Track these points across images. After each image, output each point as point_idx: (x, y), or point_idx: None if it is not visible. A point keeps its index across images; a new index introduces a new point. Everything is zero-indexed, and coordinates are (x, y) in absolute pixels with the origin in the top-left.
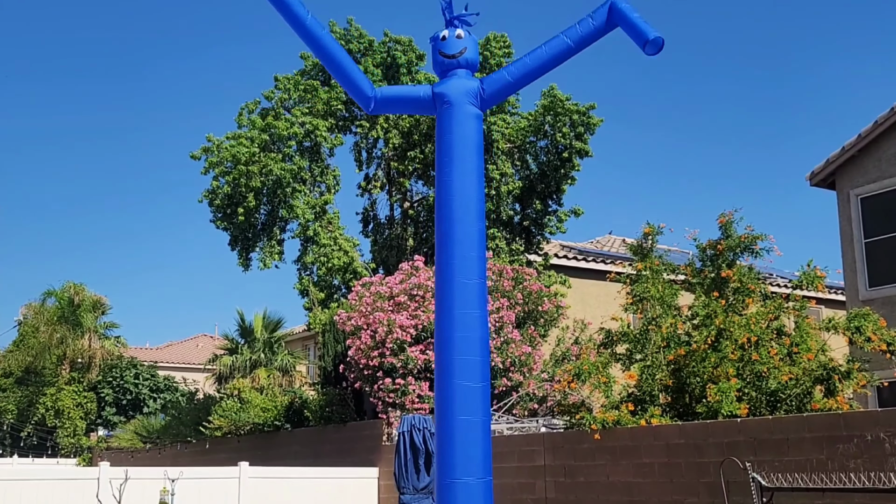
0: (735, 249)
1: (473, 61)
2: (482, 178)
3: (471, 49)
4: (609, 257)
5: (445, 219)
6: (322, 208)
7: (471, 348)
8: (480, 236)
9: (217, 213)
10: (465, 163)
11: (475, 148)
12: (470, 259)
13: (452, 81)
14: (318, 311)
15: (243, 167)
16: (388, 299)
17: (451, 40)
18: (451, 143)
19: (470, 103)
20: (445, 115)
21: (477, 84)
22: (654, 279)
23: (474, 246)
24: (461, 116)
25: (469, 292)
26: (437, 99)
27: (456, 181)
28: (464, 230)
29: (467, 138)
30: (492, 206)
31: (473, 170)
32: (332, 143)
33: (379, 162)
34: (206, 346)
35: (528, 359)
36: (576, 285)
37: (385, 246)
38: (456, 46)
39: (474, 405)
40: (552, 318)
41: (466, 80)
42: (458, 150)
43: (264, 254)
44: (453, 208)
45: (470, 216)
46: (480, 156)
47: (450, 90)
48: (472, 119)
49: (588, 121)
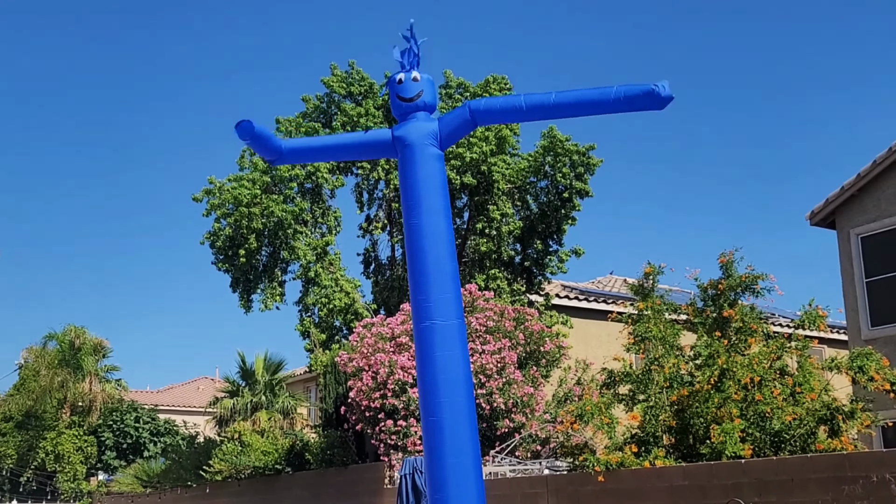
0: (736, 289)
1: (431, 103)
2: (450, 217)
3: (428, 91)
4: (610, 297)
5: (418, 261)
6: (323, 249)
7: (455, 390)
8: (454, 276)
9: (218, 255)
10: (432, 203)
11: (440, 188)
12: (446, 300)
13: (412, 124)
14: (319, 352)
15: (245, 209)
16: (389, 340)
17: (407, 84)
18: (415, 184)
19: (430, 144)
20: (408, 158)
21: (436, 125)
22: (656, 319)
23: (448, 286)
24: (423, 158)
25: (448, 333)
26: (397, 142)
27: (424, 223)
28: (438, 271)
29: (431, 179)
30: (493, 247)
31: (440, 209)
32: (334, 185)
33: (380, 203)
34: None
35: (531, 399)
36: (577, 325)
37: (386, 287)
38: (413, 89)
39: (464, 447)
40: (554, 358)
41: (425, 122)
42: (424, 191)
43: (266, 295)
44: (425, 249)
45: (442, 256)
46: (446, 195)
47: (409, 133)
48: (434, 159)
49: (588, 161)
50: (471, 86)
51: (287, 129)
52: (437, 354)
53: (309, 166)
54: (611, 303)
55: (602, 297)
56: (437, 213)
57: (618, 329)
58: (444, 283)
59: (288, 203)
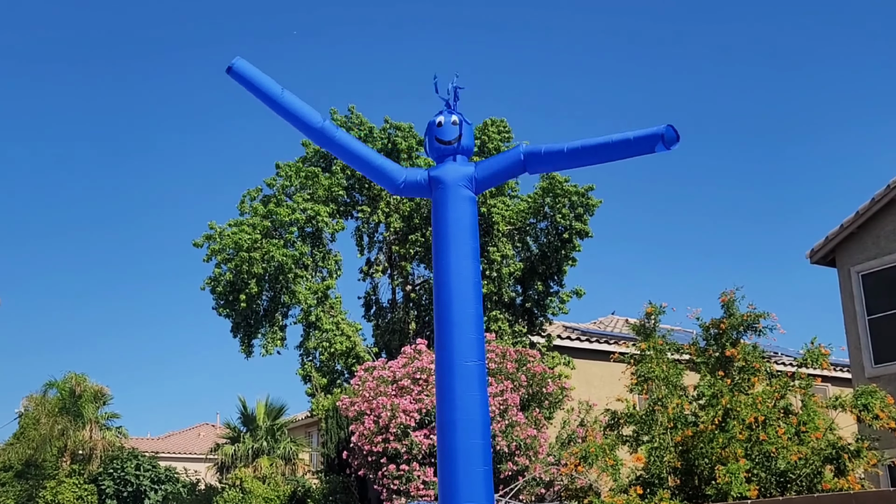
0: (738, 328)
1: (469, 147)
2: (478, 259)
3: (466, 135)
4: (612, 337)
5: (443, 301)
6: (324, 293)
7: (473, 431)
8: (478, 318)
9: (219, 301)
10: (461, 245)
11: (470, 230)
12: (469, 341)
13: (448, 166)
14: (320, 396)
15: (245, 254)
16: (391, 384)
17: (446, 127)
18: (446, 225)
19: (464, 186)
20: (441, 198)
21: (472, 168)
22: (659, 359)
23: (472, 327)
24: (455, 199)
25: (469, 374)
26: (432, 182)
27: (453, 263)
28: (462, 312)
29: (462, 221)
30: (493, 288)
31: (469, 252)
32: (334, 229)
33: (380, 246)
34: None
35: (534, 442)
36: (580, 366)
37: (387, 330)
38: (452, 133)
39: (477, 491)
40: (557, 399)
41: (461, 165)
42: (454, 232)
43: (266, 340)
44: (451, 290)
45: (468, 298)
46: (475, 238)
47: (445, 174)
48: (467, 202)
49: (587, 202)
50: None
51: (287, 174)
52: (456, 395)
53: (309, 210)
54: (613, 343)
55: (604, 337)
56: (465, 256)
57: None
58: (468, 325)
59: (288, 247)
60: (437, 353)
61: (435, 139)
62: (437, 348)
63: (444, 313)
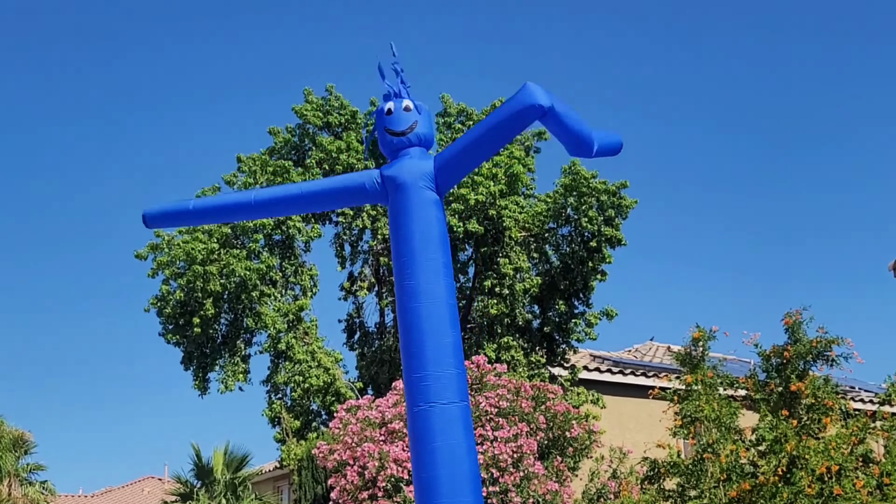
0: (806, 357)
1: (427, 137)
2: (451, 275)
3: (423, 123)
4: (651, 369)
5: (413, 330)
6: (296, 316)
7: (460, 490)
8: (456, 347)
9: (167, 325)
10: (429, 259)
11: (438, 240)
12: (447, 377)
13: (404, 163)
14: (292, 443)
15: (199, 267)
16: (379, 427)
17: (397, 114)
18: (408, 236)
19: (426, 187)
20: (399, 204)
21: (432, 163)
22: (708, 395)
23: (450, 360)
24: (418, 204)
25: (450, 418)
26: (386, 184)
27: (421, 283)
28: (436, 342)
29: (429, 228)
30: (505, 309)
31: (439, 267)
32: (308, 236)
33: (365, 257)
34: (154, 491)
35: (556, 498)
36: (611, 405)
37: (374, 360)
38: (404, 121)
39: None
40: (583, 446)
41: (420, 161)
42: (419, 244)
43: (226, 374)
44: (420, 316)
45: (442, 324)
46: (446, 249)
47: (401, 173)
48: (431, 206)
49: (619, 202)
50: (474, 112)
51: (251, 169)
52: (436, 445)
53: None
54: (652, 376)
55: (641, 368)
56: (435, 272)
57: (661, 408)
58: (445, 357)
59: (252, 259)
60: (407, 394)
61: (385, 130)
62: (408, 388)
63: (415, 345)
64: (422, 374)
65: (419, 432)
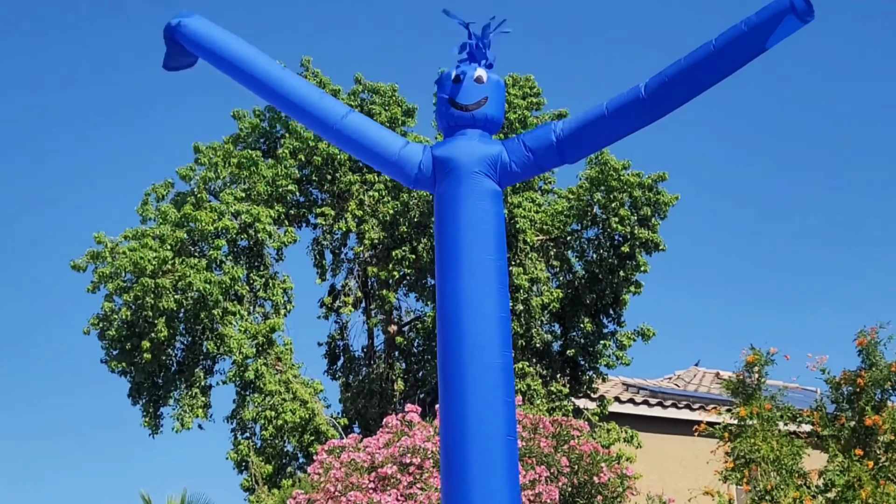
0: (883, 384)
1: (496, 119)
2: (506, 284)
3: (494, 100)
4: (696, 400)
5: (452, 348)
6: (267, 338)
7: None
8: (507, 372)
9: (111, 350)
10: (481, 263)
11: (494, 240)
12: (493, 406)
13: (460, 142)
14: (262, 492)
15: (149, 280)
16: (368, 472)
17: (467, 85)
18: (457, 233)
19: (484, 174)
20: (449, 192)
21: (499, 148)
22: (766, 431)
23: (499, 388)
24: (472, 193)
25: (494, 456)
26: (437, 166)
27: (468, 291)
28: (481, 364)
29: (482, 226)
30: (519, 328)
31: (493, 273)
32: (281, 242)
33: (350, 267)
34: None
35: None
36: (648, 443)
37: (362, 391)
38: (474, 95)
39: None
40: (615, 494)
41: (482, 142)
42: (469, 243)
43: (182, 408)
44: (464, 331)
45: (490, 343)
46: (502, 252)
47: (456, 154)
48: (488, 197)
49: (657, 198)
50: None
51: (211, 161)
52: (474, 488)
53: (245, 215)
54: (697, 408)
55: (684, 399)
56: (487, 279)
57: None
58: (492, 381)
59: (214, 270)
60: (442, 423)
61: (447, 101)
62: (443, 417)
63: (454, 365)
64: (461, 400)
65: (453, 471)
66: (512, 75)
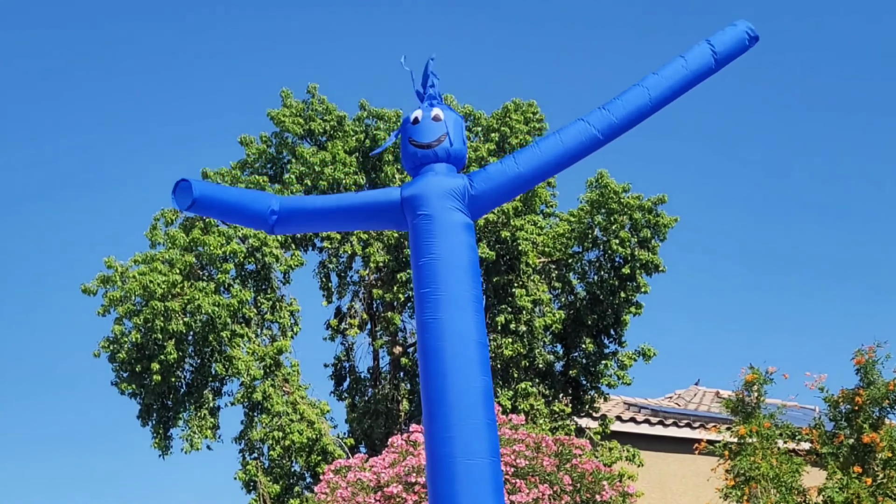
0: (881, 402)
1: (459, 154)
2: (481, 311)
3: (454, 135)
4: (697, 419)
5: (433, 373)
6: (274, 360)
7: None
8: (487, 393)
9: (121, 372)
10: (456, 291)
11: (469, 270)
12: (473, 428)
13: (428, 180)
14: None
15: (159, 303)
16: (374, 491)
17: (425, 124)
18: (432, 264)
19: (455, 208)
20: (420, 228)
21: (463, 182)
22: (765, 449)
23: (479, 407)
24: (445, 227)
25: (478, 476)
26: (406, 206)
27: (444, 319)
28: (463, 387)
29: (455, 257)
30: (522, 349)
31: (468, 300)
32: (288, 265)
33: (355, 289)
34: None
35: None
36: (649, 461)
37: (368, 412)
38: (432, 132)
39: None
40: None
41: (447, 177)
42: (444, 273)
43: (191, 430)
44: (444, 357)
45: (470, 366)
46: (477, 281)
47: (424, 191)
48: (460, 230)
49: (657, 220)
50: (483, 117)
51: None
52: None
53: (252, 239)
54: (697, 427)
55: (684, 418)
56: (462, 306)
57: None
58: (472, 405)
59: (222, 293)
60: (427, 446)
61: (409, 141)
62: (428, 440)
63: (435, 391)
64: (443, 423)
65: (440, 492)
66: (514, 101)
